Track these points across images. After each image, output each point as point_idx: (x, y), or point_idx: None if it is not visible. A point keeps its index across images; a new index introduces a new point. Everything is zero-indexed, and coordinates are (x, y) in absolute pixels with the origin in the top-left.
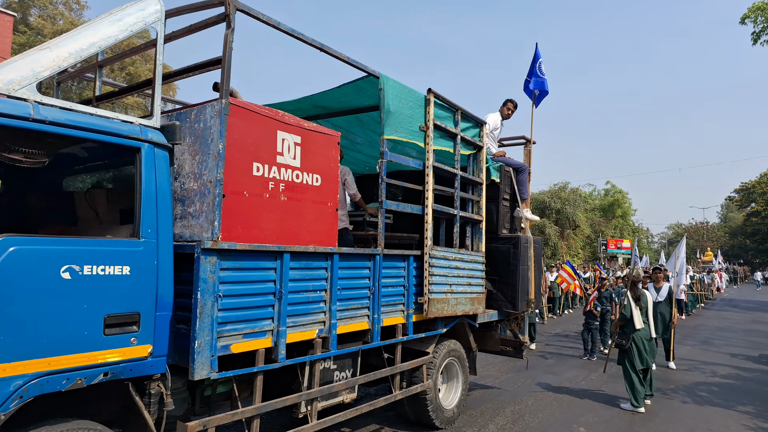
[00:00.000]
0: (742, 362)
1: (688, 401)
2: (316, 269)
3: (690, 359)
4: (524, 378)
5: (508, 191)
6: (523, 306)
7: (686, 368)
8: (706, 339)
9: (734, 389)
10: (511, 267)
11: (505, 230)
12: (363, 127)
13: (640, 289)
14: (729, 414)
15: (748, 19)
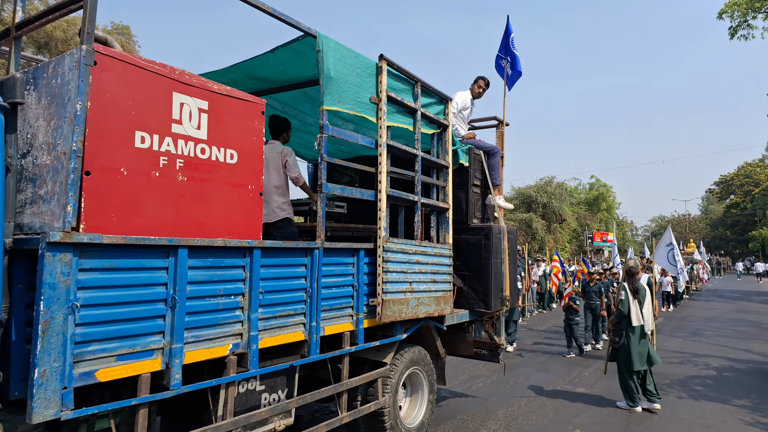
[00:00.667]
0: (732, 353)
1: (683, 396)
2: (229, 268)
3: (682, 351)
4: (516, 377)
5: (478, 176)
6: (496, 304)
7: (679, 361)
8: (696, 330)
9: (728, 382)
10: (483, 261)
11: (476, 220)
12: (313, 105)
13: (638, 281)
14: (725, 408)
15: (725, 14)
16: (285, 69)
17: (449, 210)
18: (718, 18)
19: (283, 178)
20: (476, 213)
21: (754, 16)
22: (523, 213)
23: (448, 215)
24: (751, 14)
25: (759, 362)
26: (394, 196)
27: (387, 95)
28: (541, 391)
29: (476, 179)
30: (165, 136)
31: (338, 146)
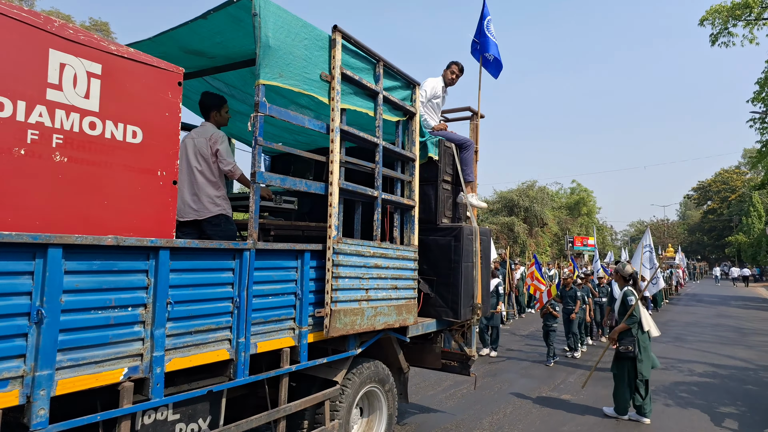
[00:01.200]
0: (716, 359)
1: (670, 404)
2: (126, 273)
3: (666, 357)
4: (500, 383)
5: (449, 172)
6: (466, 313)
7: (663, 367)
8: (678, 335)
9: (713, 388)
10: (452, 264)
11: (446, 219)
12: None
13: (640, 288)
14: (713, 417)
15: (707, 21)
16: (223, 41)
17: (415, 208)
18: (700, 25)
19: (216, 167)
20: (446, 212)
21: (735, 24)
22: (505, 217)
23: (414, 214)
24: (732, 22)
25: (743, 368)
26: (348, 189)
27: (341, 72)
28: (526, 398)
29: (447, 175)
30: (35, 105)
31: (295, 136)
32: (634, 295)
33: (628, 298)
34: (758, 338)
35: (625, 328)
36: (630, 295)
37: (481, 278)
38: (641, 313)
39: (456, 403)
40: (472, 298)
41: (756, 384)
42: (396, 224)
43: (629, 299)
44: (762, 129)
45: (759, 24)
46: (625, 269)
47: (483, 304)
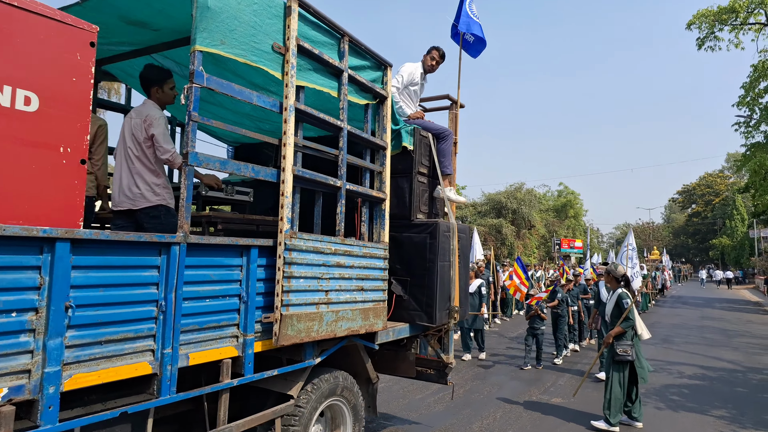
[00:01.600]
0: (704, 361)
1: (661, 407)
2: (8, 270)
3: (654, 359)
4: (489, 387)
5: (425, 164)
6: (442, 317)
7: (653, 370)
8: (666, 337)
9: (704, 391)
10: (427, 264)
11: (421, 215)
12: (219, 67)
13: (633, 289)
14: (705, 420)
15: (694, 25)
16: (164, 8)
17: (386, 201)
18: (687, 29)
19: (152, 152)
20: (422, 207)
21: (721, 28)
22: (493, 218)
23: (385, 208)
24: (718, 26)
25: (730, 370)
26: (305, 178)
27: (297, 45)
28: (516, 403)
29: (423, 167)
30: None
31: (258, 123)
32: (629, 297)
33: (623, 301)
34: (743, 340)
35: (621, 332)
36: (625, 297)
37: (459, 279)
38: (636, 317)
39: (444, 408)
40: (449, 300)
41: (744, 386)
42: (364, 219)
43: (624, 302)
44: (747, 133)
45: (744, 29)
46: (617, 270)
47: (461, 308)
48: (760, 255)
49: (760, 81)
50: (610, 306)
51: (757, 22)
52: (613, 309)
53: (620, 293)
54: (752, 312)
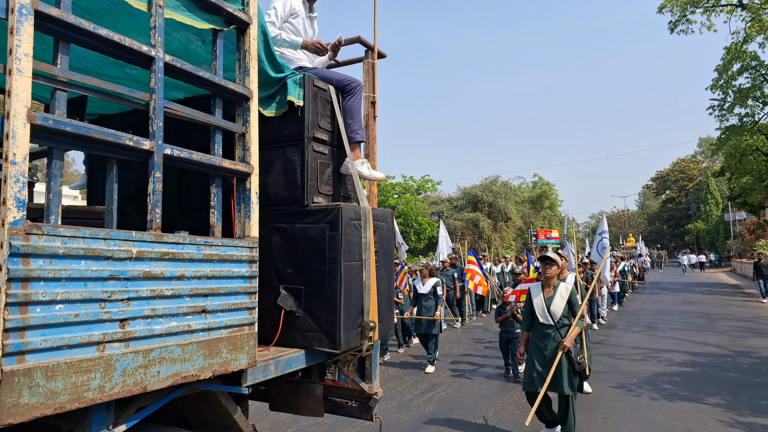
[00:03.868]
0: (691, 347)
1: (656, 397)
2: None
3: (641, 347)
4: (479, 385)
5: (325, 127)
6: (351, 338)
7: (641, 358)
8: (650, 324)
9: (696, 378)
10: (327, 266)
11: (321, 198)
12: None
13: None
14: (701, 408)
15: (665, 8)
16: None
17: (252, 177)
18: (658, 12)
19: None
20: (322, 187)
21: (693, 11)
22: (469, 212)
23: (251, 186)
24: (690, 9)
25: (719, 355)
26: (61, 131)
27: None
28: (509, 400)
29: (321, 131)
30: None
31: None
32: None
33: (575, 297)
34: (726, 323)
35: (579, 332)
36: (575, 291)
37: (377, 284)
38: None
39: (435, 408)
40: (362, 314)
41: (736, 371)
42: (213, 204)
43: (576, 298)
44: (721, 116)
45: (717, 10)
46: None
47: (382, 323)
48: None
49: (733, 63)
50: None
51: (729, 3)
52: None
53: (570, 285)
54: (731, 295)
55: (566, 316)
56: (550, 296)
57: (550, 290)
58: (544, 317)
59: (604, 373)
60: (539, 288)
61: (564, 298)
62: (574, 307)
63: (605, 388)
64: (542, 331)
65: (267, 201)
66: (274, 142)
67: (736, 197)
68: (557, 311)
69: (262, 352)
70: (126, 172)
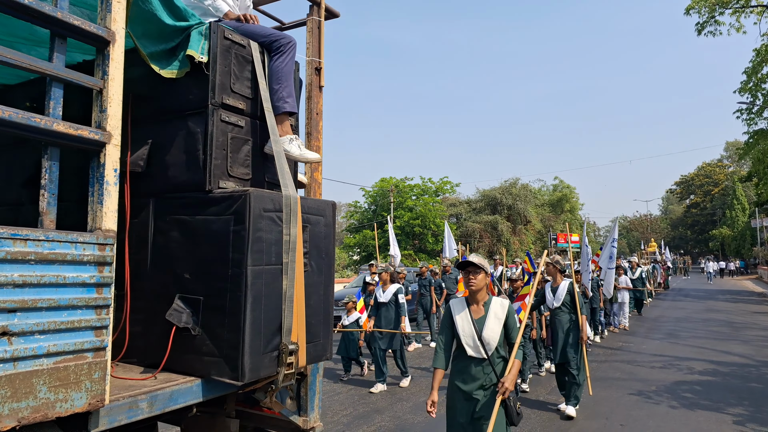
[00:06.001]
0: (713, 355)
1: (675, 405)
2: None
3: (662, 355)
4: None
5: (244, 94)
6: (263, 366)
7: (661, 365)
8: (671, 332)
9: (717, 387)
10: (230, 271)
11: (233, 182)
12: None
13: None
14: (721, 418)
15: (693, 10)
16: None
17: (108, 149)
18: (686, 14)
19: None
20: (233, 168)
21: (722, 12)
22: (488, 215)
23: (106, 161)
24: (719, 10)
25: (742, 365)
26: None
27: None
28: (523, 403)
29: (235, 98)
30: None
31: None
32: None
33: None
34: (751, 332)
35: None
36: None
37: (305, 295)
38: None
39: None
40: (279, 334)
41: (759, 381)
42: (46, 182)
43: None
44: (749, 120)
45: (746, 11)
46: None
47: (313, 344)
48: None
49: (763, 66)
50: (560, 299)
51: (759, 4)
52: (565, 297)
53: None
54: (757, 303)
55: (502, 345)
56: (480, 317)
57: (479, 308)
58: (474, 347)
59: (623, 380)
60: (463, 304)
61: (500, 319)
62: (512, 331)
63: (623, 395)
64: (469, 368)
65: (166, 186)
66: (175, 112)
67: (763, 203)
68: (492, 339)
69: (140, 381)
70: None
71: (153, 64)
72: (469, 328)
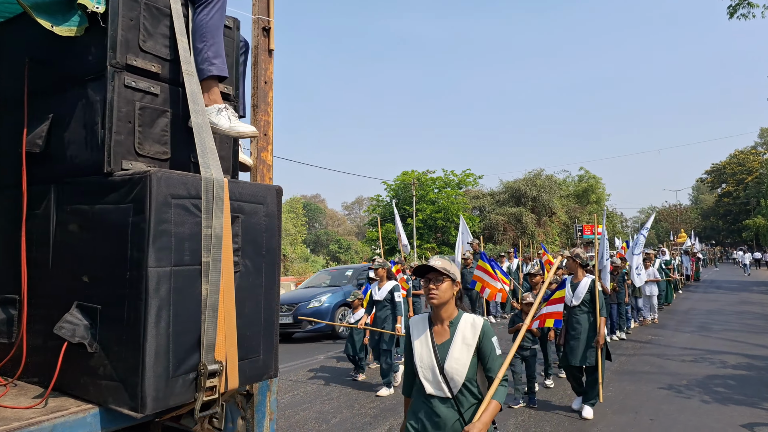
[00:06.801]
0: (747, 349)
1: (707, 400)
2: None
3: (693, 348)
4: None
5: (159, 54)
6: (174, 392)
7: (692, 359)
8: (702, 324)
9: (751, 382)
10: (128, 273)
11: (142, 163)
12: None
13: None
14: (756, 413)
15: None
16: None
17: None
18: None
19: None
20: (145, 145)
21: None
22: (512, 207)
23: None
24: None
25: None
26: None
27: None
28: (548, 400)
29: (146, 59)
30: None
31: None
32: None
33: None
34: None
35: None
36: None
37: (237, 302)
38: None
39: None
40: (198, 351)
41: None
42: None
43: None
44: None
45: None
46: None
47: (249, 360)
48: None
49: None
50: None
51: None
52: (586, 295)
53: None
54: None
55: (472, 379)
56: (444, 342)
57: (443, 329)
58: (434, 383)
59: (652, 374)
60: (425, 324)
61: (469, 345)
62: (489, 361)
63: (653, 389)
64: (428, 411)
65: (67, 169)
66: (75, 79)
67: None
68: (457, 372)
69: (22, 410)
70: None
71: (40, 18)
72: (428, 356)
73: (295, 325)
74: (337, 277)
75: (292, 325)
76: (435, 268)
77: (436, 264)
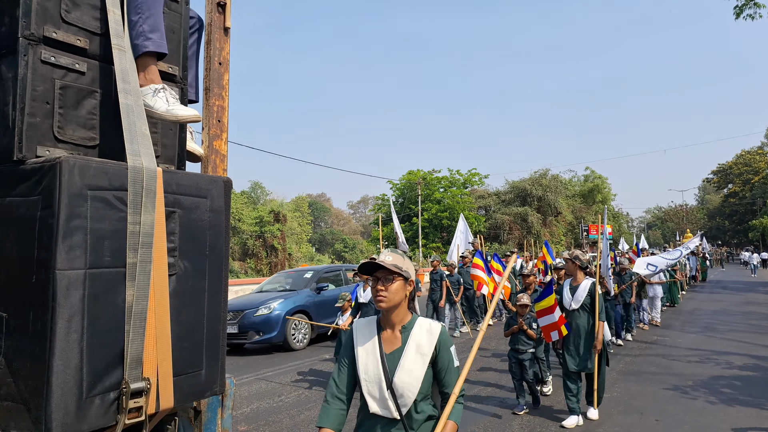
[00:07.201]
0: (753, 350)
1: (713, 401)
2: None
3: (698, 348)
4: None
5: (87, 27)
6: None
7: (698, 360)
8: (708, 325)
9: (758, 383)
10: (34, 276)
11: (58, 149)
12: None
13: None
14: (762, 414)
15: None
16: None
17: None
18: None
19: None
20: (66, 129)
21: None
22: (518, 207)
23: None
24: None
25: None
26: None
27: None
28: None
29: (69, 31)
30: None
31: None
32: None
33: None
34: None
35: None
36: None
37: (171, 310)
38: None
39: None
40: (121, 367)
41: None
42: None
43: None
44: None
45: None
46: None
47: (186, 376)
48: None
49: None
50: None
51: None
52: (586, 298)
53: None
54: None
55: (427, 397)
56: (394, 350)
57: (393, 336)
58: (380, 401)
59: (658, 375)
60: (372, 329)
61: (425, 355)
62: (446, 373)
63: (658, 390)
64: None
65: None
66: None
67: None
68: (407, 387)
69: None
70: None
71: None
72: (374, 367)
73: (240, 334)
74: (296, 279)
75: (238, 335)
76: (384, 266)
77: (386, 260)
